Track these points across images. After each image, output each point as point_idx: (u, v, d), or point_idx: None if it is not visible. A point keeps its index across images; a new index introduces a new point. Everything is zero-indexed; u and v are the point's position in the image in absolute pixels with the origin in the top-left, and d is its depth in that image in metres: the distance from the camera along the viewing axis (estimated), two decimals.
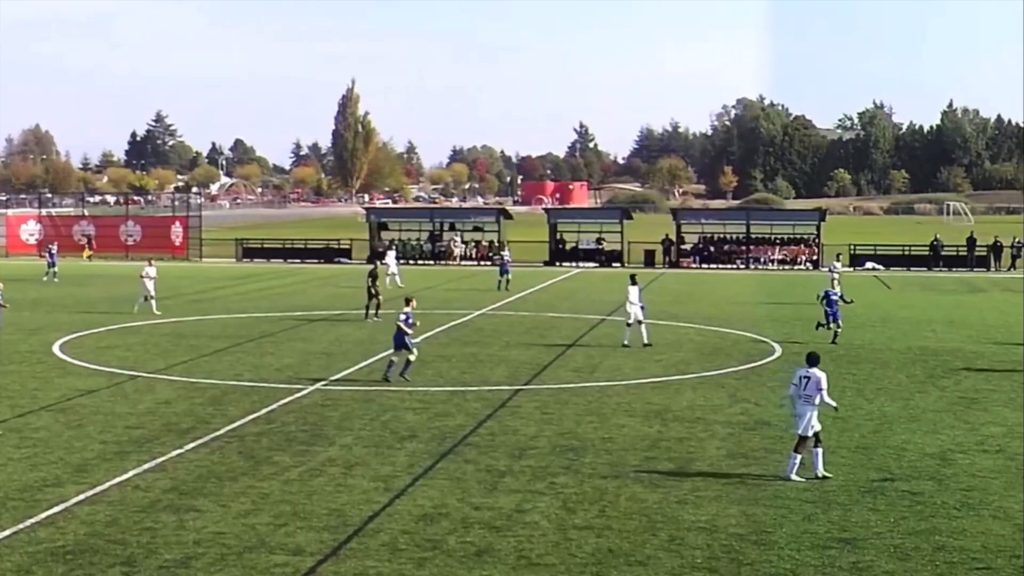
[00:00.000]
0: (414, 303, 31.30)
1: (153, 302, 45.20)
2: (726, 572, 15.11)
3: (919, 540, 16.47)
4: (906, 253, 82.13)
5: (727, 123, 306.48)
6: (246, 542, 16.24)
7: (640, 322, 36.66)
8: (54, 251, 64.20)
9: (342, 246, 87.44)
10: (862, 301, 53.36)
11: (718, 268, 78.89)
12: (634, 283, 37.47)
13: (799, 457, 19.80)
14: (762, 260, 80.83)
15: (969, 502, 18.48)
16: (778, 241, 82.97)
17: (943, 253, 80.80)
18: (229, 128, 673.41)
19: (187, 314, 45.08)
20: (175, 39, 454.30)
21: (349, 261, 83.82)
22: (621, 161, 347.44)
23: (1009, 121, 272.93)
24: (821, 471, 19.81)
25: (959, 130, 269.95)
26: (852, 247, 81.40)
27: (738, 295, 56.78)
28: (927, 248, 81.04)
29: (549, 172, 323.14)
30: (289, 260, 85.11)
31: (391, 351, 30.38)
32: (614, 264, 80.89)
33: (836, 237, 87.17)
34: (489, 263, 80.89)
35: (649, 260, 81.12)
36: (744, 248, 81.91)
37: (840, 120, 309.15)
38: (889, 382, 30.21)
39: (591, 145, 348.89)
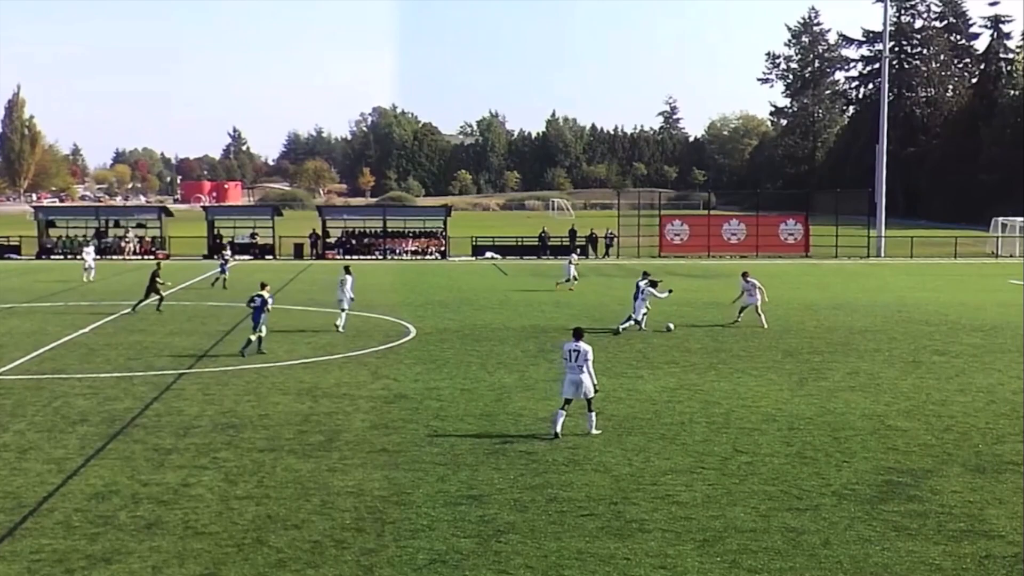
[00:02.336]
0: (269, 287, 32.33)
1: None
2: (372, 531, 15.22)
3: (535, 493, 17.02)
4: (519, 244, 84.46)
5: (365, 129, 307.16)
6: None
7: (343, 311, 36.36)
8: None
9: (11, 243, 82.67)
10: (483, 287, 54.74)
11: (360, 259, 78.90)
12: (348, 274, 37.34)
13: (564, 414, 20.87)
14: (397, 251, 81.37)
15: (575, 459, 19.22)
16: (411, 234, 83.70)
17: (550, 244, 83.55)
18: None
19: None
20: None
21: (19, 257, 79.65)
22: (271, 163, 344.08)
23: (601, 128, 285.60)
24: (594, 430, 20.97)
25: (561, 136, 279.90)
26: (474, 239, 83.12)
27: (377, 283, 57.02)
28: (537, 239, 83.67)
29: (206, 173, 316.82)
30: None
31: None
32: (267, 256, 79.97)
33: (461, 230, 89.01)
34: (152, 257, 78.72)
35: (298, 253, 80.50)
36: (381, 241, 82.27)
37: (462, 127, 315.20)
38: (507, 357, 30.99)
39: (244, 148, 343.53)
